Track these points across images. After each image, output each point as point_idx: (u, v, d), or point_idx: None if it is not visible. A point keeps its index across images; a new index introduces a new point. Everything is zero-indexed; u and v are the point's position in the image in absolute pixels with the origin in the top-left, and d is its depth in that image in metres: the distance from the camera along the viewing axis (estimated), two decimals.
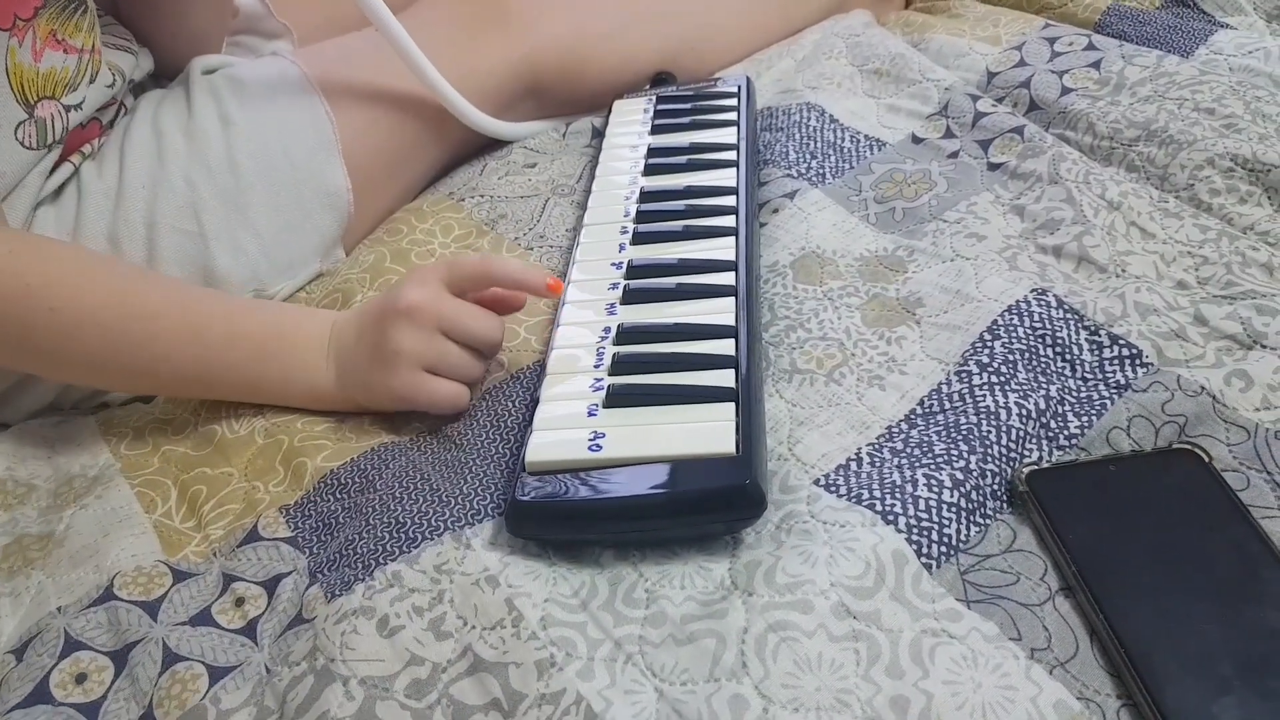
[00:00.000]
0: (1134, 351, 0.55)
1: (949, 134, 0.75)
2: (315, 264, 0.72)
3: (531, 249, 0.71)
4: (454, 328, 0.57)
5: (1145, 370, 0.54)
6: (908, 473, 0.50)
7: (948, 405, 0.54)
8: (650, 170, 0.73)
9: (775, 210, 0.70)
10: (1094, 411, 0.53)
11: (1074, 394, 0.54)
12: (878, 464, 0.51)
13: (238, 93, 0.71)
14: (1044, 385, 0.54)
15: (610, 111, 0.83)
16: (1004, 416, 0.52)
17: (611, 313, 0.59)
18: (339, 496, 0.55)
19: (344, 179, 0.72)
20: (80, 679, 0.47)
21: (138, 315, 0.57)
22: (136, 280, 0.60)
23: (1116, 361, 0.55)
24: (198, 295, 0.63)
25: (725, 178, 0.70)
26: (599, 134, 0.83)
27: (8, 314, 0.55)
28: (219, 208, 0.67)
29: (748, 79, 0.83)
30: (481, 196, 0.76)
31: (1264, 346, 0.54)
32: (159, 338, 0.58)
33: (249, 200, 0.68)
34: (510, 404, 0.58)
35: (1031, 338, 0.57)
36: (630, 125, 0.80)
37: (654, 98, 0.83)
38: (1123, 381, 0.54)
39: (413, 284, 0.57)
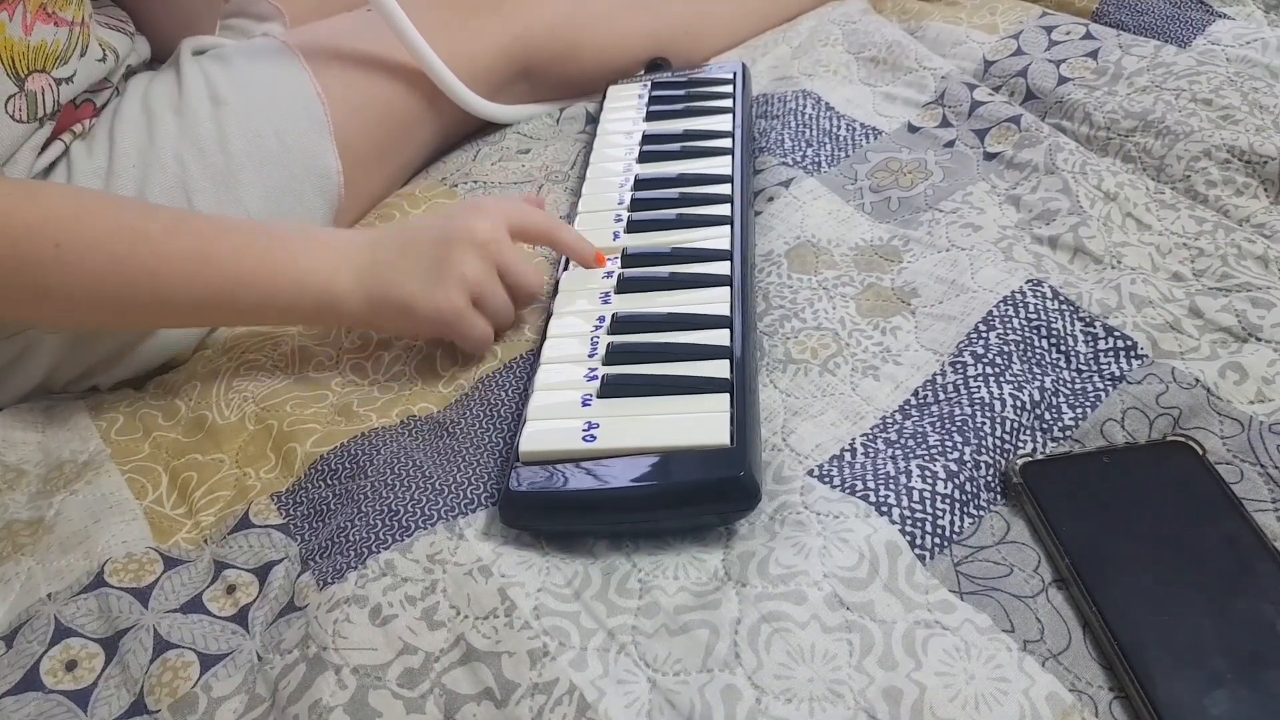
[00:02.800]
0: (1129, 343, 0.55)
1: (945, 123, 0.74)
2: None
3: None
4: (510, 272, 0.59)
5: (1140, 362, 0.54)
6: (902, 464, 0.50)
7: (942, 396, 0.54)
8: (645, 157, 0.73)
9: (770, 199, 0.70)
10: (1088, 403, 0.53)
11: (1068, 385, 0.54)
12: (872, 455, 0.51)
13: (228, 72, 0.70)
14: (1039, 376, 0.54)
15: (605, 97, 0.83)
16: (998, 408, 0.52)
17: (606, 301, 0.59)
18: (330, 483, 0.54)
19: (335, 160, 0.71)
20: (71, 666, 0.47)
21: (143, 241, 0.56)
22: (139, 209, 0.60)
23: (1111, 353, 0.55)
24: (202, 218, 0.62)
25: (720, 165, 0.70)
26: (593, 120, 0.83)
27: (12, 255, 0.54)
28: (209, 187, 0.66)
29: (743, 66, 0.82)
30: (475, 183, 0.76)
31: (1259, 339, 0.54)
32: (168, 262, 0.56)
33: (239, 180, 0.67)
34: (504, 394, 0.58)
35: (1026, 329, 0.56)
36: (625, 111, 0.79)
37: (649, 84, 0.83)
38: (1117, 373, 0.54)
39: (484, 217, 0.58)
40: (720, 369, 0.52)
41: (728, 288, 0.58)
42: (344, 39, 0.76)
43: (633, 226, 0.65)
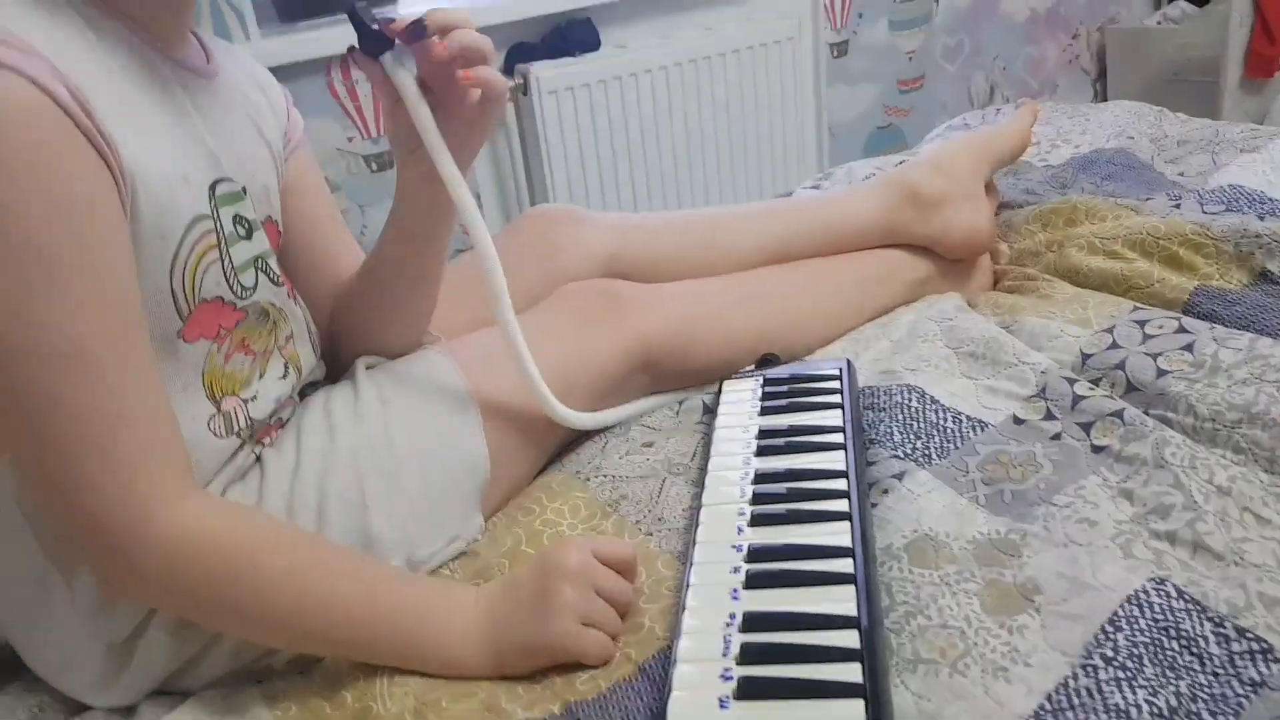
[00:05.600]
0: (1264, 646, 0.55)
1: (1049, 416, 0.78)
2: (457, 527, 0.78)
3: (651, 534, 0.75)
4: (604, 591, 0.66)
5: (1279, 666, 0.54)
6: None
7: (1076, 701, 0.54)
8: (762, 451, 0.77)
9: (885, 491, 0.73)
10: (1230, 710, 0.52)
11: (1206, 690, 0.54)
12: None
13: (394, 379, 0.81)
14: (1173, 680, 0.54)
15: (719, 390, 0.89)
16: (1134, 715, 0.52)
17: (735, 598, 0.62)
18: None
19: (484, 450, 0.79)
20: None
21: (321, 577, 0.64)
22: (318, 545, 0.68)
23: (1247, 656, 0.55)
24: (367, 561, 0.70)
25: (835, 460, 0.74)
26: (709, 410, 0.89)
27: (223, 569, 0.61)
28: (377, 478, 0.74)
29: (848, 361, 0.88)
30: (604, 476, 0.81)
31: None
32: (337, 599, 0.64)
33: (403, 470, 0.75)
34: (640, 699, 0.60)
35: (1154, 629, 0.57)
36: (740, 405, 0.85)
37: (761, 379, 0.89)
38: (1256, 678, 0.53)
39: (572, 550, 0.67)
40: (852, 672, 0.54)
41: (852, 585, 0.60)
42: (491, 352, 0.85)
43: (756, 520, 0.69)
